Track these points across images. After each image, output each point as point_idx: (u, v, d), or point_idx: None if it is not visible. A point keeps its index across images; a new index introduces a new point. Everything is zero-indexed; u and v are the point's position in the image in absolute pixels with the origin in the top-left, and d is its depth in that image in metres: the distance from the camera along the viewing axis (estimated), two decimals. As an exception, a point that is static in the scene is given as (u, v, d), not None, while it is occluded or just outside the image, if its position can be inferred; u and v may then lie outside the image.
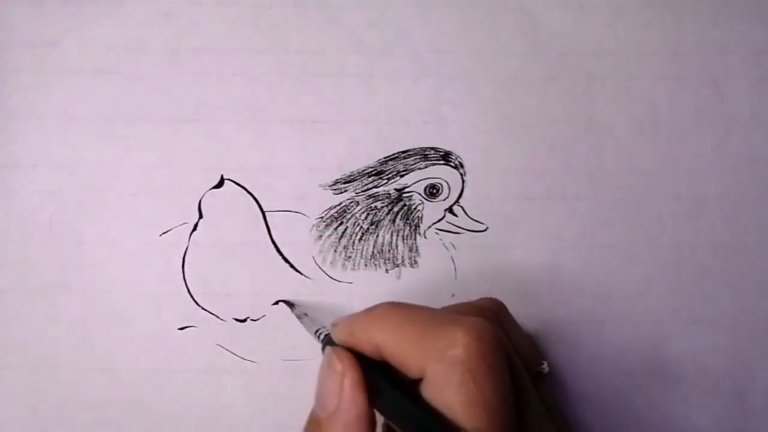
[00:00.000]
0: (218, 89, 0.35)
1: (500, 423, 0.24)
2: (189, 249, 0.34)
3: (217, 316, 0.34)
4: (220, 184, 0.35)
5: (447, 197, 0.35)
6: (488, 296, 0.32)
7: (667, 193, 0.35)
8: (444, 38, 0.35)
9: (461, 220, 0.35)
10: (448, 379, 0.23)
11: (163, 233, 0.34)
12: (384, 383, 0.25)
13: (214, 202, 0.35)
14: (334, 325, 0.28)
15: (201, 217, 0.35)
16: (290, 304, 0.34)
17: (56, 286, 0.34)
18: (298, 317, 0.33)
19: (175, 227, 0.35)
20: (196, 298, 0.34)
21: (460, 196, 0.35)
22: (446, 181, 0.35)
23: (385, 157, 0.35)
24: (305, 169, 0.35)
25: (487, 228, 0.35)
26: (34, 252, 0.34)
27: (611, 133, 0.35)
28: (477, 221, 0.35)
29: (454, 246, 0.35)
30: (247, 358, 0.34)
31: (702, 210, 0.35)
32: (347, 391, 0.25)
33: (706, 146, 0.35)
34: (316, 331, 0.30)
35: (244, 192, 0.35)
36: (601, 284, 0.35)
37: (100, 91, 0.35)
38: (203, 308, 0.34)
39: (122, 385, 0.34)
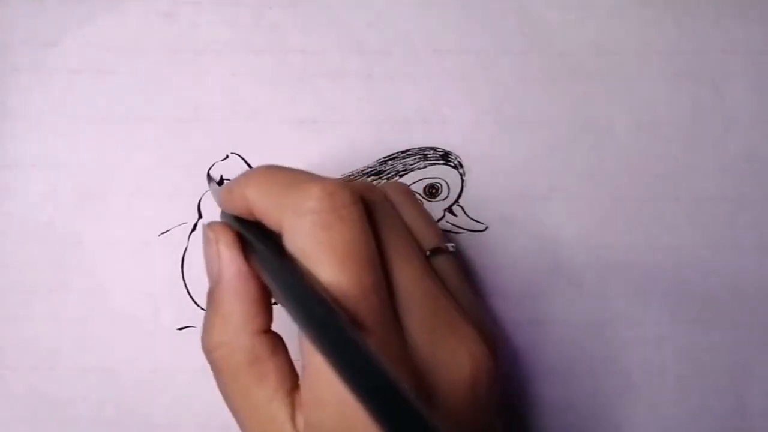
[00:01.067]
0: (218, 89, 0.35)
1: (356, 274, 0.23)
2: (189, 249, 0.34)
3: (217, 316, 0.34)
4: (220, 184, 0.35)
5: (446, 197, 0.35)
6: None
7: (667, 193, 0.35)
8: (444, 38, 0.35)
9: (461, 219, 0.35)
10: (299, 228, 0.24)
11: (163, 233, 0.34)
12: (257, 241, 0.26)
13: (214, 202, 0.35)
14: (212, 190, 0.29)
15: (201, 217, 0.35)
16: (210, 178, 0.34)
17: (56, 286, 0.34)
18: (212, 189, 0.33)
19: (175, 227, 0.34)
20: (196, 298, 0.34)
21: (459, 195, 0.35)
22: (446, 181, 0.35)
23: (384, 157, 0.35)
24: (305, 168, 0.35)
25: (486, 228, 0.35)
26: (33, 252, 0.34)
27: (611, 133, 0.35)
28: (477, 221, 0.35)
29: (454, 246, 0.35)
30: (246, 358, 0.34)
31: (702, 210, 0.35)
32: (223, 252, 0.26)
33: (706, 146, 0.35)
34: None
35: (244, 192, 0.35)
36: (601, 284, 0.35)
37: (100, 91, 0.35)
38: (203, 308, 0.34)
39: (122, 385, 0.34)
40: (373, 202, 0.26)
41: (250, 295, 0.26)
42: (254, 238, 0.26)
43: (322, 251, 0.23)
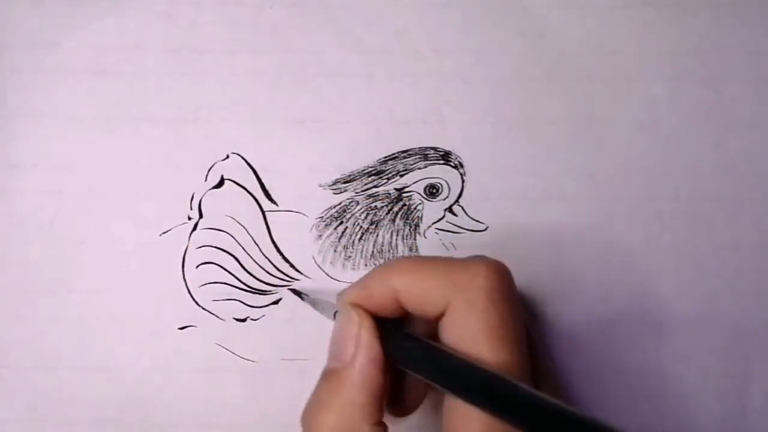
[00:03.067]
0: (218, 89, 0.35)
1: (521, 356, 0.24)
2: (189, 249, 0.34)
3: (217, 316, 0.34)
4: (220, 184, 0.35)
5: (447, 197, 0.35)
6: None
7: (667, 193, 0.35)
8: (444, 38, 0.35)
9: (461, 219, 0.35)
10: (471, 307, 0.24)
11: (163, 233, 0.34)
12: (399, 332, 0.26)
13: (214, 202, 0.35)
14: (341, 292, 0.28)
15: (201, 217, 0.35)
16: (298, 293, 0.34)
17: (56, 286, 0.34)
18: (312, 304, 0.33)
19: (175, 227, 0.35)
20: (196, 298, 0.34)
21: (459, 195, 0.35)
22: (446, 181, 0.35)
23: (384, 157, 0.35)
24: (305, 168, 0.35)
25: (487, 228, 0.35)
26: (34, 252, 0.34)
27: (611, 133, 0.35)
28: (477, 221, 0.35)
29: (454, 246, 0.35)
30: (247, 358, 0.34)
31: (702, 210, 0.35)
32: (365, 338, 0.26)
33: (706, 146, 0.35)
34: (335, 313, 0.30)
35: (244, 192, 0.35)
36: (601, 284, 0.35)
37: (100, 91, 0.35)
38: (203, 308, 0.34)
39: (122, 385, 0.34)
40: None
41: (379, 386, 0.26)
42: (396, 329, 0.26)
43: (496, 334, 0.24)
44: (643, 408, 0.35)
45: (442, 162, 0.35)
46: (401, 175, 0.35)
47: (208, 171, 0.35)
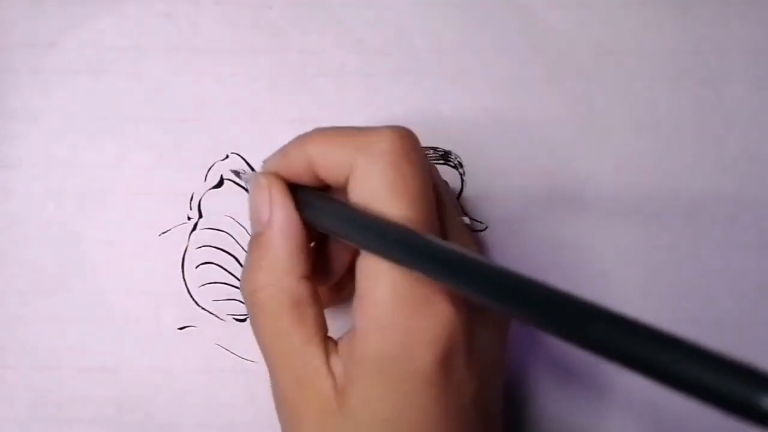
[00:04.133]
0: (218, 89, 0.35)
1: (423, 212, 0.25)
2: (189, 249, 0.34)
3: (217, 316, 0.34)
4: (220, 184, 0.35)
5: (447, 197, 0.35)
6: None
7: (667, 193, 0.35)
8: (444, 38, 0.35)
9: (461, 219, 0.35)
10: (372, 167, 0.25)
11: (163, 233, 0.34)
12: (310, 193, 0.28)
13: (213, 202, 0.35)
14: (264, 162, 0.29)
15: (201, 217, 0.35)
16: (236, 173, 0.34)
17: (56, 286, 0.34)
18: (245, 181, 0.33)
19: (175, 227, 0.35)
20: (196, 298, 0.34)
21: (459, 195, 0.35)
22: (446, 181, 0.35)
23: (385, 157, 0.35)
24: (305, 169, 0.35)
25: (486, 228, 0.35)
26: (33, 252, 0.34)
27: (611, 133, 0.35)
28: (477, 221, 0.35)
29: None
30: (247, 358, 0.34)
31: (702, 210, 0.35)
32: (276, 197, 0.27)
33: (706, 146, 0.35)
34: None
35: (244, 192, 0.35)
36: (601, 284, 0.35)
37: (100, 91, 0.35)
38: (203, 308, 0.34)
39: (122, 385, 0.34)
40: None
41: (298, 240, 0.27)
42: (309, 192, 0.28)
43: (395, 190, 0.25)
44: (642, 408, 0.35)
45: (441, 162, 0.35)
46: (401, 175, 0.35)
47: (208, 171, 0.35)
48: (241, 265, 0.34)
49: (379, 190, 0.25)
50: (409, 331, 0.25)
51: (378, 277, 0.25)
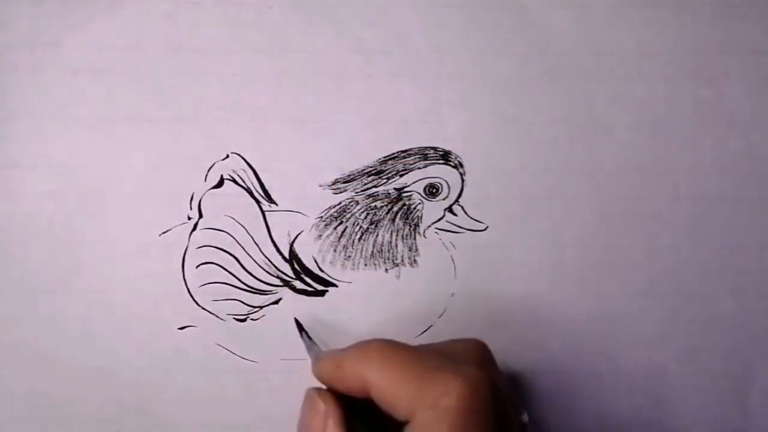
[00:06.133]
0: (218, 89, 0.35)
1: None
2: (189, 249, 0.34)
3: (217, 316, 0.34)
4: (220, 184, 0.35)
5: (447, 197, 0.35)
6: (474, 338, 0.30)
7: (667, 193, 0.35)
8: (444, 38, 0.35)
9: (461, 219, 0.35)
10: (437, 427, 0.23)
11: (163, 233, 0.34)
12: (363, 426, 0.26)
13: (214, 202, 0.35)
14: (319, 359, 0.28)
15: (201, 217, 0.35)
16: (300, 327, 0.34)
17: (56, 286, 0.34)
18: (306, 345, 0.33)
19: (175, 227, 0.35)
20: (196, 298, 0.34)
21: (459, 195, 0.35)
22: (446, 181, 0.35)
23: (384, 157, 0.35)
24: (305, 168, 0.35)
25: (486, 227, 0.35)
26: (34, 252, 0.34)
27: (611, 133, 0.35)
28: (477, 221, 0.35)
29: (453, 245, 0.35)
30: (247, 358, 0.34)
31: (702, 210, 0.35)
32: (330, 429, 0.26)
33: (706, 146, 0.35)
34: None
35: (244, 192, 0.35)
36: (601, 284, 0.35)
37: (100, 91, 0.35)
38: (203, 308, 0.34)
39: (122, 385, 0.34)
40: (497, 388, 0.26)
41: None
42: (362, 422, 0.26)
43: None
44: (643, 408, 0.35)
45: (441, 162, 0.35)
46: (401, 175, 0.35)
47: (208, 171, 0.35)
48: (241, 265, 0.34)
49: None
50: None
51: None
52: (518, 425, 0.27)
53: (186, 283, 0.34)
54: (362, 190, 0.35)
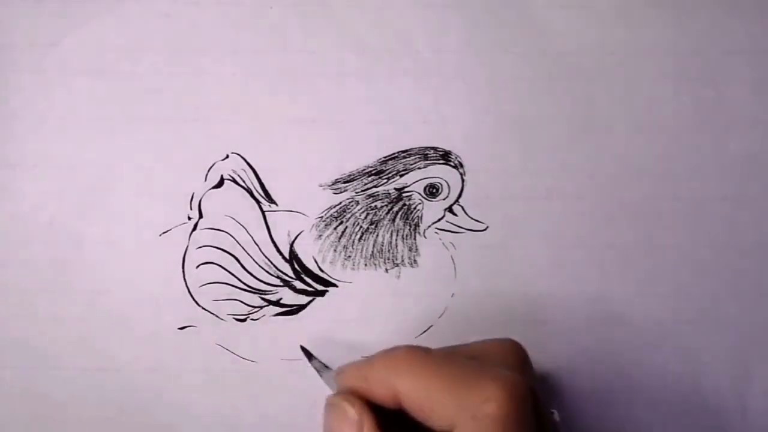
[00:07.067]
0: (218, 89, 0.35)
1: None
2: (189, 249, 0.34)
3: (217, 316, 0.34)
4: (220, 184, 0.35)
5: (447, 197, 0.35)
6: (509, 338, 0.30)
7: (667, 193, 0.35)
8: (444, 38, 0.35)
9: (461, 219, 0.35)
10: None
11: (163, 233, 0.34)
12: None
13: (214, 202, 0.35)
14: (339, 372, 0.28)
15: (201, 217, 0.35)
16: (308, 354, 0.34)
17: (56, 286, 0.34)
18: (317, 370, 0.33)
19: (175, 227, 0.35)
20: (196, 298, 0.34)
21: (459, 195, 0.35)
22: (446, 181, 0.35)
23: (384, 157, 0.35)
24: (305, 168, 0.35)
25: (487, 227, 0.35)
26: (34, 252, 0.34)
27: (611, 133, 0.35)
28: (477, 221, 0.35)
29: (453, 245, 0.35)
30: (247, 358, 0.34)
31: (702, 210, 0.35)
32: None
33: (706, 146, 0.35)
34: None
35: (244, 192, 0.35)
36: (601, 284, 0.35)
37: (100, 90, 0.35)
38: (203, 308, 0.34)
39: (122, 385, 0.34)
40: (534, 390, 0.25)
41: None
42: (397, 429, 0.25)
43: None
44: (642, 407, 0.35)
45: (442, 162, 0.35)
46: (401, 175, 0.35)
47: (208, 171, 0.35)
48: (241, 265, 0.34)
49: None
50: None
51: None
52: (553, 427, 0.27)
53: (186, 283, 0.34)
54: (362, 190, 0.35)
